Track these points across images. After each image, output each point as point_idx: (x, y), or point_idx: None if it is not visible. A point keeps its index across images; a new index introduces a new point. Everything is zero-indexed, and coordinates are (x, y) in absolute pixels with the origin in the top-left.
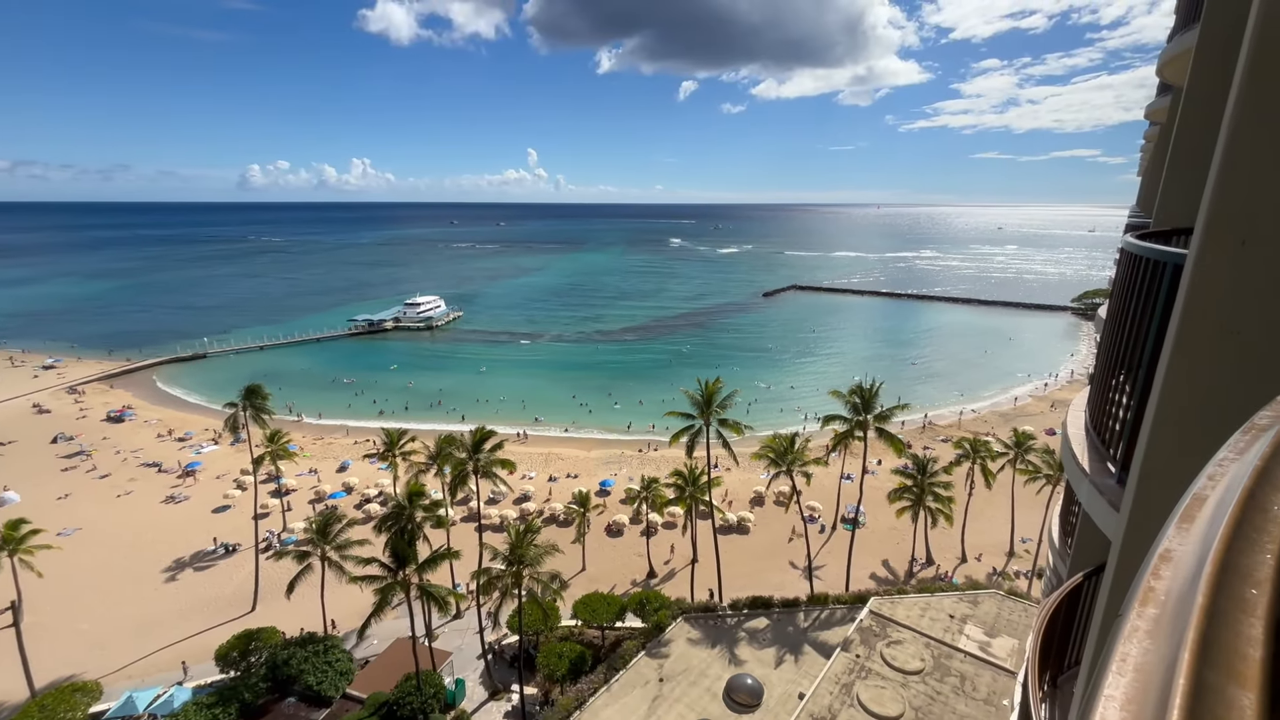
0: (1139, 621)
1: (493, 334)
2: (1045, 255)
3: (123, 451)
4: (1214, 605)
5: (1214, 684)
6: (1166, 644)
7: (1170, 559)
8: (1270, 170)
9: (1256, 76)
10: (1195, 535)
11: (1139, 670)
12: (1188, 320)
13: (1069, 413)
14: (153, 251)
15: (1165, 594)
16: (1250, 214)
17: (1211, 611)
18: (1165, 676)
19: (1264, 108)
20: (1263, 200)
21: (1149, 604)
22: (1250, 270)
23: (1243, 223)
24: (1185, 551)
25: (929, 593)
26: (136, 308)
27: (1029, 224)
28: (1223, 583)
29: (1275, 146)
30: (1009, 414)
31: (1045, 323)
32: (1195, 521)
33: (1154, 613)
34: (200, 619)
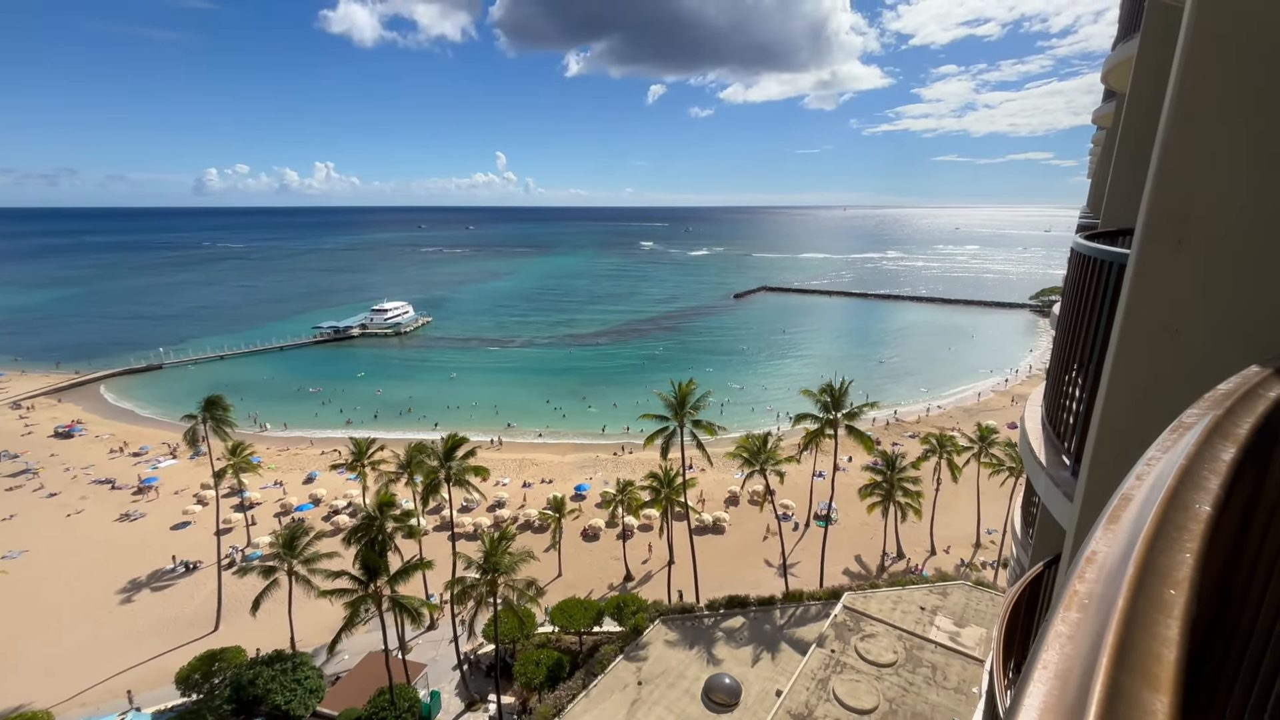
0: (1061, 626)
1: (463, 339)
2: (1004, 254)
3: (72, 469)
4: (1133, 608)
5: (1129, 689)
6: (1087, 648)
7: (1095, 560)
8: (1202, 173)
9: (1186, 83)
10: (1120, 536)
11: (1059, 676)
12: (1129, 318)
13: (1026, 407)
14: (103, 259)
15: (1088, 597)
16: (1184, 215)
17: (1130, 614)
18: (1083, 682)
19: (1194, 112)
20: (1196, 202)
21: (1072, 607)
22: (1186, 270)
23: (1178, 224)
24: (1110, 553)
25: (900, 586)
26: (86, 318)
27: (988, 225)
28: (1143, 584)
29: (1206, 150)
30: (973, 409)
31: (1005, 320)
32: (1120, 522)
33: (1076, 616)
34: (159, 641)
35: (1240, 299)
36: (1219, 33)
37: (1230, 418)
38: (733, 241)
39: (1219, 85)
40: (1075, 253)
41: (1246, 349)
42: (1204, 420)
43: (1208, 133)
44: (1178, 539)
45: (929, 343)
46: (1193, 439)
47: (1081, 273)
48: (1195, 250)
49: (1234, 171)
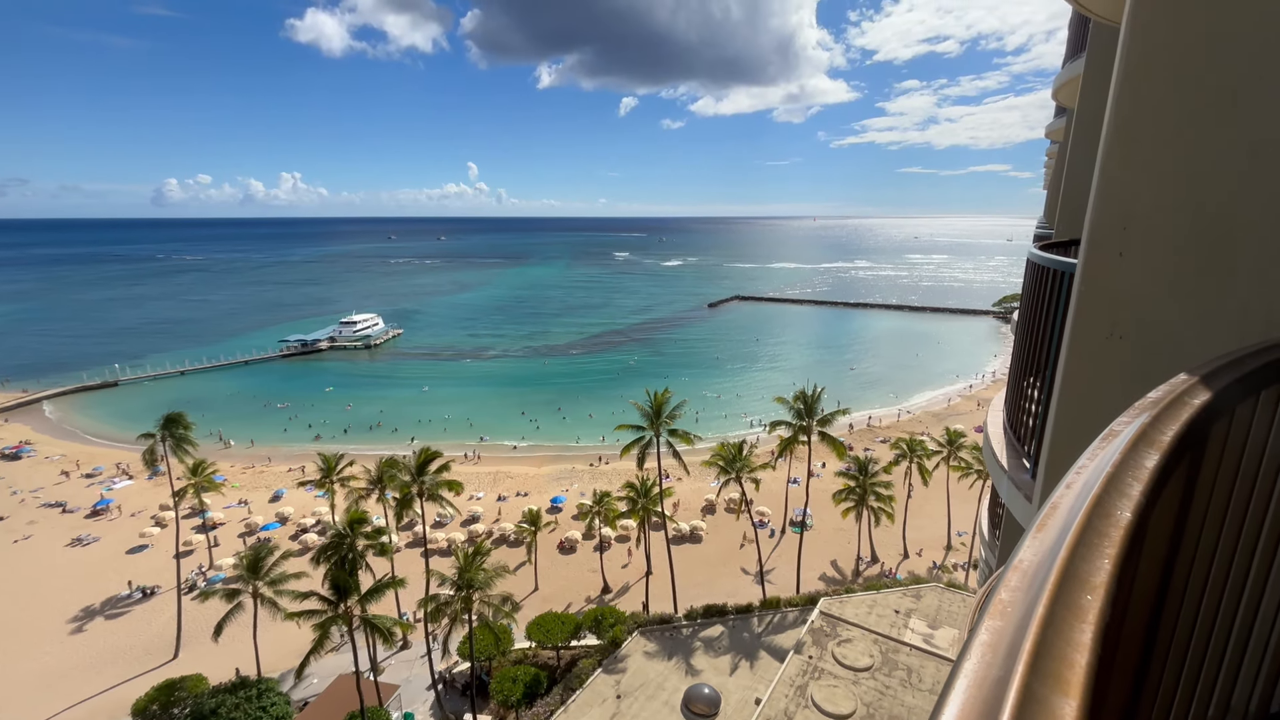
0: (984, 635)
1: (435, 351)
2: (968, 263)
3: (20, 492)
4: (1050, 614)
5: (1040, 695)
6: (1004, 655)
7: (1020, 568)
8: (1138, 185)
9: (1122, 98)
10: (1046, 543)
11: (977, 684)
12: (1077, 325)
13: (989, 413)
14: (53, 272)
15: (1010, 604)
16: (1124, 227)
17: (1047, 620)
18: (998, 691)
19: (1129, 127)
20: (1134, 215)
21: (995, 616)
22: (1128, 279)
23: (1118, 236)
24: (1035, 561)
25: (875, 590)
26: (33, 334)
27: (952, 234)
28: (1062, 591)
29: (1141, 163)
30: (941, 414)
31: (970, 326)
32: (1046, 529)
33: (998, 625)
34: (114, 671)
35: (1179, 307)
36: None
37: (1156, 425)
38: (706, 252)
39: (1152, 100)
40: (1030, 263)
41: (1186, 354)
42: (1131, 428)
43: (1143, 147)
44: (1098, 545)
45: (898, 349)
46: (1119, 446)
47: (1036, 282)
48: (1135, 260)
49: (1168, 183)
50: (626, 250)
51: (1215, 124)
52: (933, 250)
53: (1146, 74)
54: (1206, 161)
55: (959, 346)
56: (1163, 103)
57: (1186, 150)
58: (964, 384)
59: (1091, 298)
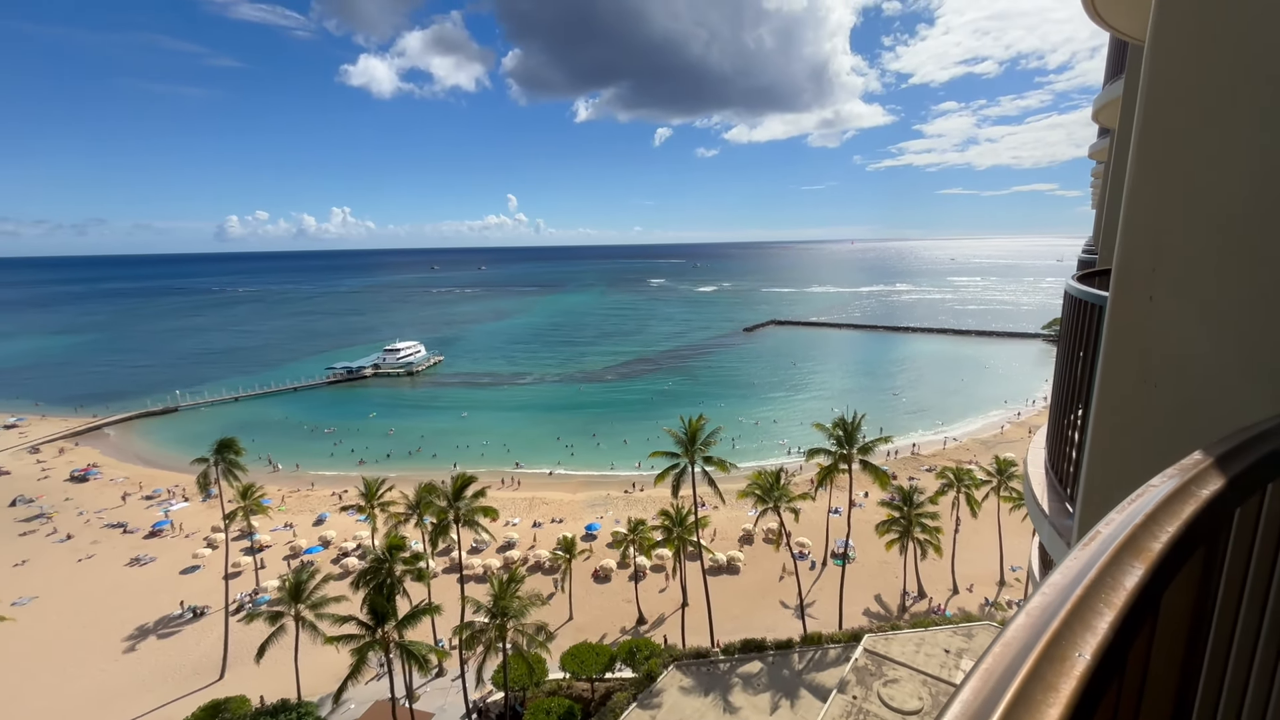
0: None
1: (474, 377)
2: (1015, 284)
3: (86, 513)
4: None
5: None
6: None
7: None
8: (1167, 224)
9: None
10: (993, 675)
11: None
12: (1107, 372)
13: (1029, 450)
14: (125, 305)
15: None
16: (1153, 268)
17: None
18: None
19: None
20: (1164, 255)
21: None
22: (1159, 324)
23: (1147, 278)
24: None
25: (923, 627)
26: (105, 363)
27: (996, 255)
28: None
29: (1170, 200)
30: (990, 441)
31: (1018, 350)
32: (1000, 653)
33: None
34: (164, 690)
35: (1214, 354)
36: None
37: (1149, 528)
38: (741, 277)
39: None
40: (1068, 294)
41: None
42: (1119, 534)
43: (1171, 180)
44: (1044, 699)
45: (942, 374)
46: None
47: (1073, 315)
48: (1166, 303)
49: (1201, 221)
50: (661, 276)
51: (1249, 151)
52: (976, 272)
53: (1172, 98)
54: (1241, 194)
55: (1008, 371)
56: (1191, 129)
57: (1220, 182)
58: (1013, 410)
59: (1120, 343)
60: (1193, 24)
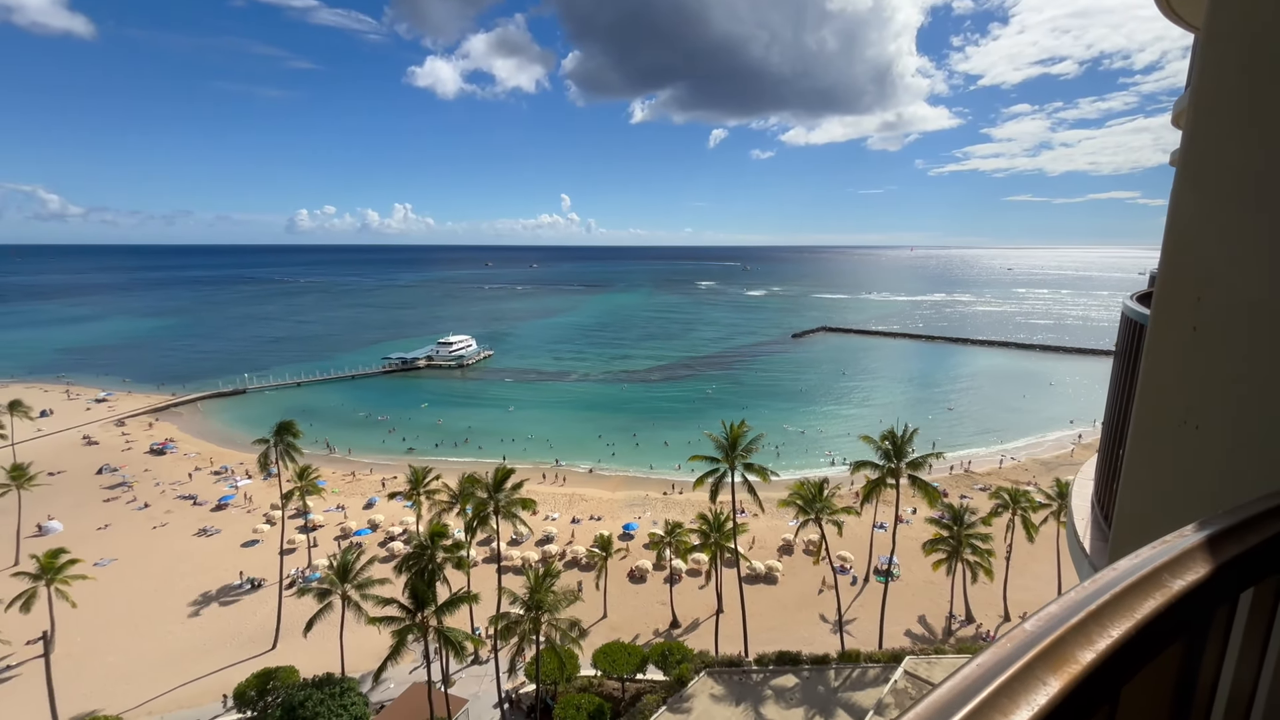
0: None
1: (522, 373)
2: (1087, 298)
3: (162, 484)
4: None
5: None
6: None
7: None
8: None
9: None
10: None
11: None
12: (1144, 410)
13: (1076, 481)
14: (203, 292)
15: None
16: (1199, 297)
17: None
18: None
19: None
20: (1211, 280)
21: None
22: (1203, 359)
23: (1191, 307)
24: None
25: (969, 653)
26: (184, 345)
27: (1068, 266)
28: None
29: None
30: (1050, 462)
31: (1088, 367)
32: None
33: None
34: (222, 655)
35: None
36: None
37: (1093, 627)
38: (792, 281)
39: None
40: (1123, 314)
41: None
42: (1053, 629)
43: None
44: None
45: (1002, 390)
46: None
47: (1128, 336)
48: (1212, 336)
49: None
50: (710, 279)
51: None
52: (1044, 283)
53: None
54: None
55: (1074, 389)
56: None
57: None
58: (1079, 431)
59: (1159, 377)
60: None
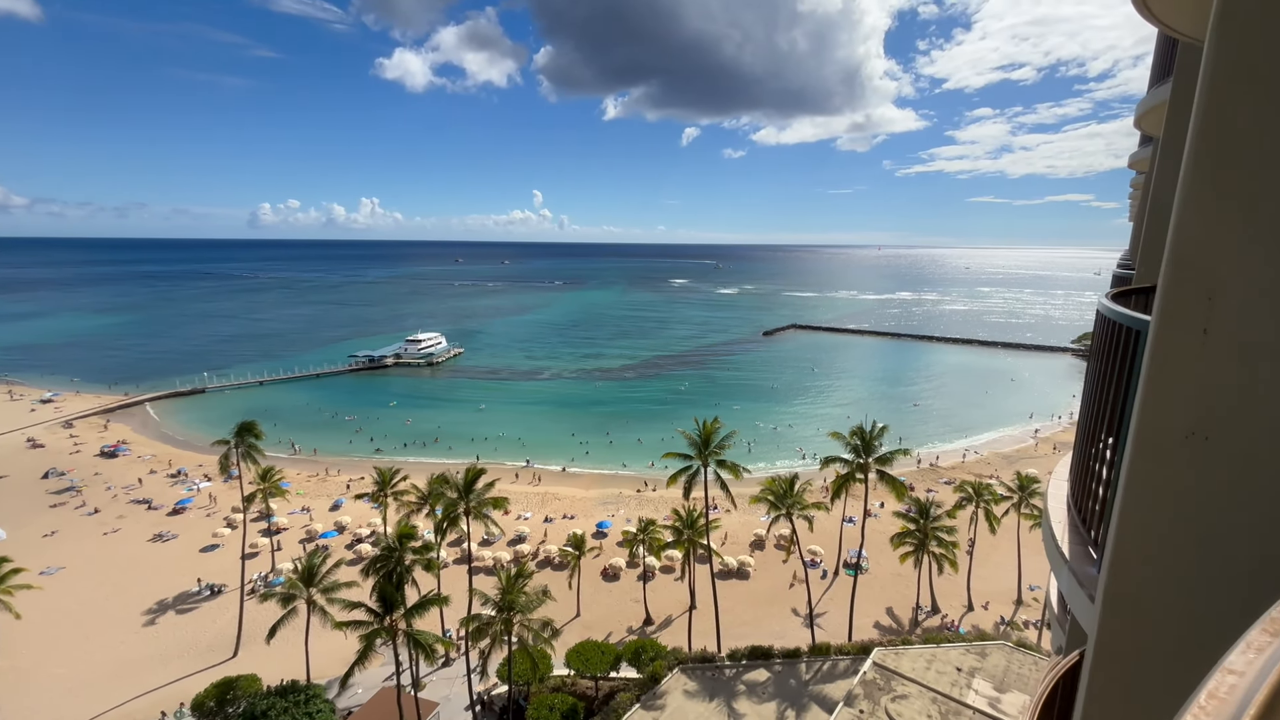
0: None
1: (493, 371)
2: (1045, 297)
3: (114, 488)
4: None
5: None
6: None
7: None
8: (1227, 242)
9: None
10: None
11: None
12: (1146, 419)
13: (1050, 482)
14: (159, 287)
15: None
16: (1209, 297)
17: None
18: None
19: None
20: (1222, 279)
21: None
22: (1214, 364)
23: (1201, 308)
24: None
25: (935, 643)
26: (138, 343)
27: (1027, 266)
28: None
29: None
30: (1011, 456)
31: (1046, 363)
32: None
33: None
34: (180, 664)
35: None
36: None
37: None
38: (764, 279)
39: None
40: (1099, 314)
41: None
42: None
43: (1234, 191)
44: None
45: (965, 386)
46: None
47: (1106, 337)
48: (1223, 338)
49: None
50: (683, 277)
51: None
52: (1005, 283)
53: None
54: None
55: (1034, 384)
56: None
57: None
58: (1038, 425)
59: (1164, 384)
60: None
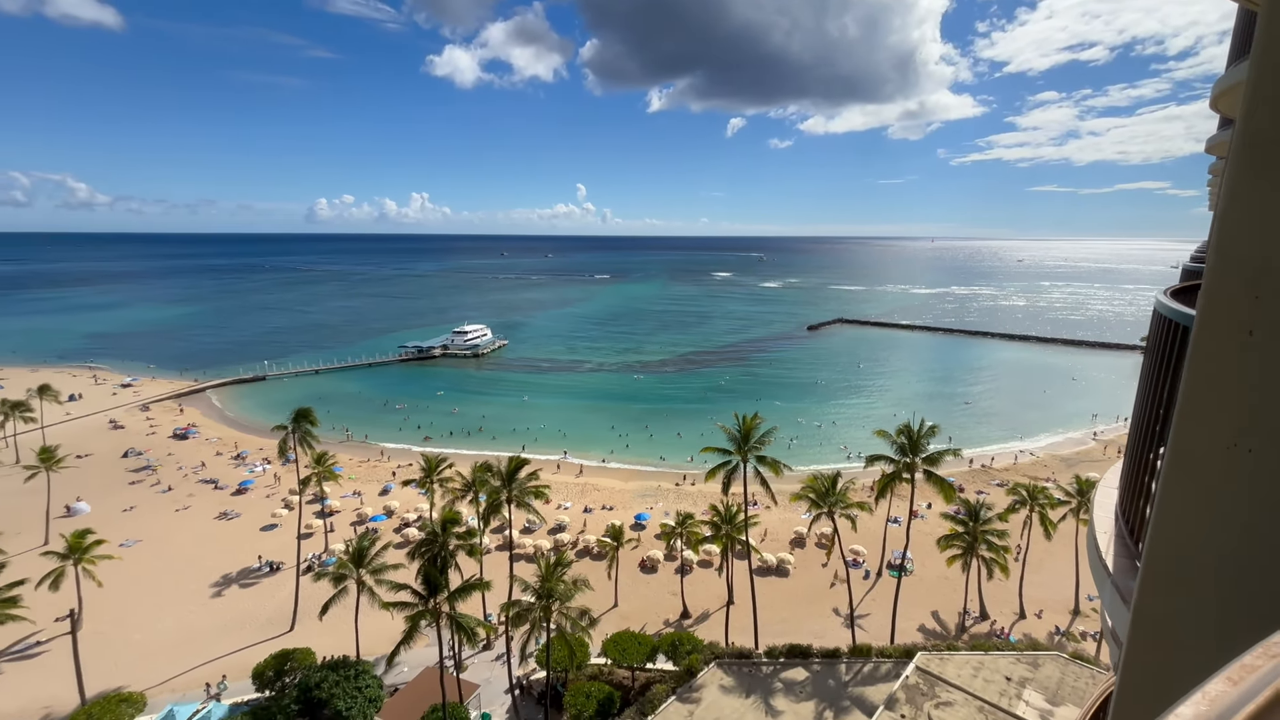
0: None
1: (535, 362)
2: (1113, 292)
3: (185, 468)
4: None
5: None
6: None
7: None
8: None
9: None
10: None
11: None
12: (1185, 426)
13: (1098, 490)
14: (224, 280)
15: None
16: (1256, 295)
17: None
18: None
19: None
20: (1272, 276)
21: None
22: (1261, 369)
23: (1248, 307)
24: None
25: (983, 650)
26: (205, 332)
27: (1094, 259)
28: None
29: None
30: (1071, 459)
31: (1113, 362)
32: None
33: None
34: (242, 635)
35: None
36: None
37: None
38: (809, 272)
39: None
40: (1155, 311)
41: None
42: None
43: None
44: None
45: (1022, 384)
46: None
47: (1160, 335)
48: (1272, 342)
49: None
50: (726, 270)
51: None
52: (1068, 277)
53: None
54: None
55: (1098, 384)
56: None
57: None
58: (1101, 427)
59: (1205, 391)
60: None
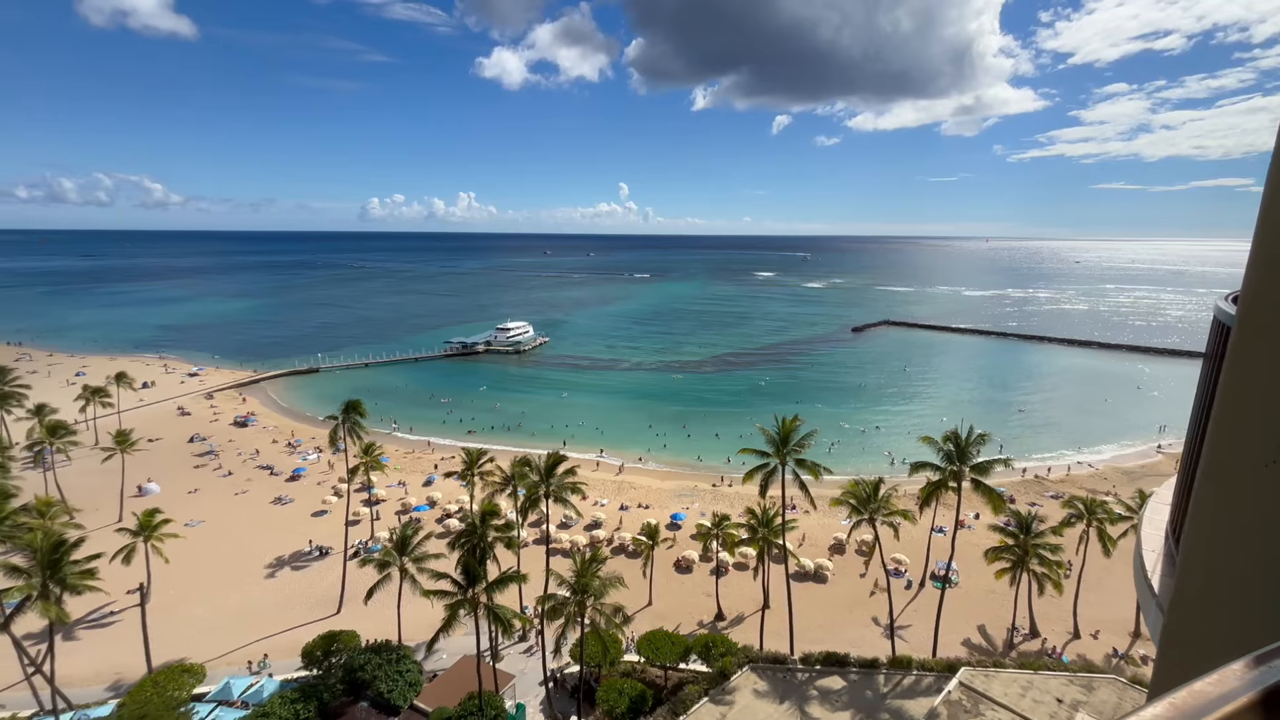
0: None
1: (575, 360)
2: (1186, 296)
3: (244, 454)
4: None
5: None
6: None
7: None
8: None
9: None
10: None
11: None
12: (1220, 440)
13: (1149, 505)
14: (281, 276)
15: None
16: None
17: None
18: None
19: None
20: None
21: None
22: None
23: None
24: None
25: (1032, 669)
26: (266, 325)
27: (1164, 260)
28: None
29: None
30: (1134, 472)
31: (1183, 370)
32: None
33: None
34: (293, 614)
35: None
36: None
37: None
38: (855, 273)
39: None
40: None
41: None
42: None
43: None
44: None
45: (1082, 392)
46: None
47: (1219, 341)
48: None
49: None
50: (769, 269)
51: None
52: (1137, 279)
53: None
54: None
55: (1165, 394)
56: None
57: None
58: (1169, 439)
59: (1242, 403)
60: None
